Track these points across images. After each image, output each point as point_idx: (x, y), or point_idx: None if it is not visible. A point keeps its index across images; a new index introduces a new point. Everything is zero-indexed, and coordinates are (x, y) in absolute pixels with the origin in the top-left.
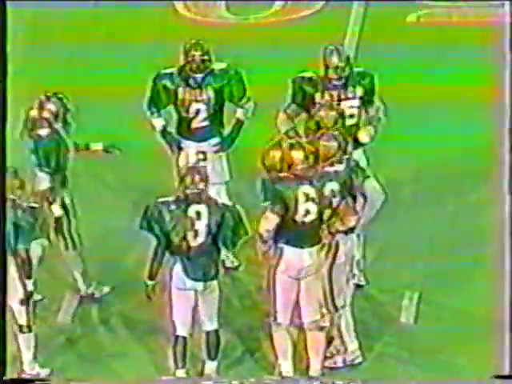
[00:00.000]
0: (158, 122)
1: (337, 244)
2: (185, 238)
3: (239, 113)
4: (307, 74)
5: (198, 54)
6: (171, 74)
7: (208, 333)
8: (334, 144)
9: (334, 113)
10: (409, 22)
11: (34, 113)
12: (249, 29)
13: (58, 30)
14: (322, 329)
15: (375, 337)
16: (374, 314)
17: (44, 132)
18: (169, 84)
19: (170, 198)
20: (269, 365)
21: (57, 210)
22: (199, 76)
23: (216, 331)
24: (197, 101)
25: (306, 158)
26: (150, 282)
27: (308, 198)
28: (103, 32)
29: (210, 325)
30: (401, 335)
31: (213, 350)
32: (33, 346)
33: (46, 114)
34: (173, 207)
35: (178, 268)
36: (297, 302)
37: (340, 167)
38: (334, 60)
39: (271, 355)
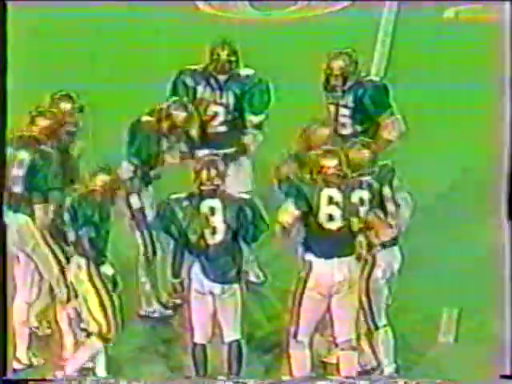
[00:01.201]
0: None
1: (374, 257)
2: (202, 235)
3: (247, 138)
4: None
5: (224, 53)
6: (194, 70)
7: (229, 344)
8: (366, 153)
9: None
10: (446, 19)
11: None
12: (272, 25)
13: (65, 28)
14: (355, 349)
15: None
16: (411, 332)
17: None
18: (189, 81)
19: (183, 195)
20: None
21: (135, 203)
22: (222, 77)
23: (238, 342)
24: (216, 103)
25: (339, 164)
26: (175, 280)
27: (331, 201)
28: (117, 29)
29: (231, 334)
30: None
31: (234, 364)
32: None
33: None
34: (185, 203)
35: (196, 268)
36: (330, 319)
37: (369, 178)
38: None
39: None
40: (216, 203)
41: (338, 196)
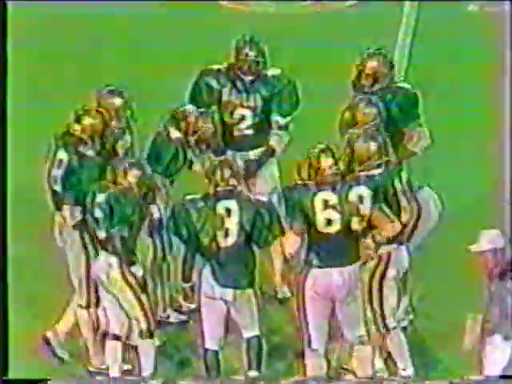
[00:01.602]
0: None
1: (388, 256)
2: (215, 238)
3: (273, 140)
4: None
5: (252, 54)
6: (218, 71)
7: (248, 340)
8: (373, 145)
9: (374, 110)
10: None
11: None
12: (291, 17)
13: (69, 28)
14: (366, 343)
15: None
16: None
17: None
18: (213, 83)
19: (198, 195)
20: None
21: (155, 212)
22: (249, 79)
23: (257, 338)
24: (243, 106)
25: (336, 163)
26: (185, 285)
27: (327, 205)
28: (123, 25)
29: (250, 331)
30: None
31: (254, 359)
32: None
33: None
34: (201, 204)
35: (206, 272)
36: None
37: (376, 171)
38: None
39: None
40: (232, 204)
41: (333, 198)
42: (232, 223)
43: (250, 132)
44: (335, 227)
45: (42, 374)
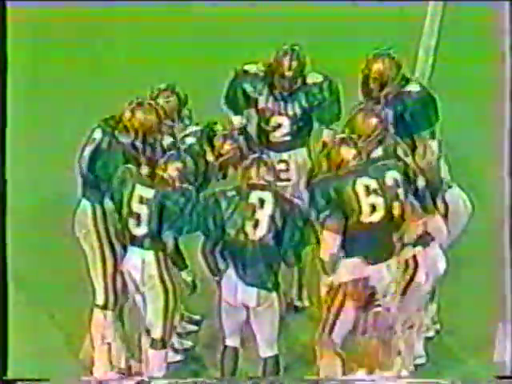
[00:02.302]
0: (237, 119)
1: (415, 258)
2: (243, 228)
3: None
4: None
5: (294, 64)
6: (255, 75)
7: (265, 360)
8: (374, 120)
9: (373, 120)
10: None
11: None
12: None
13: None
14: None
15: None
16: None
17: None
18: (250, 89)
19: (229, 187)
20: None
21: None
22: (287, 85)
23: (276, 358)
24: (280, 114)
25: (359, 153)
26: (216, 278)
27: (369, 191)
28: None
29: (268, 350)
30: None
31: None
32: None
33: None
34: (232, 193)
35: (230, 272)
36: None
37: (379, 151)
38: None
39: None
40: (266, 195)
41: (373, 183)
42: (264, 215)
43: (287, 138)
44: (379, 214)
45: (42, 374)
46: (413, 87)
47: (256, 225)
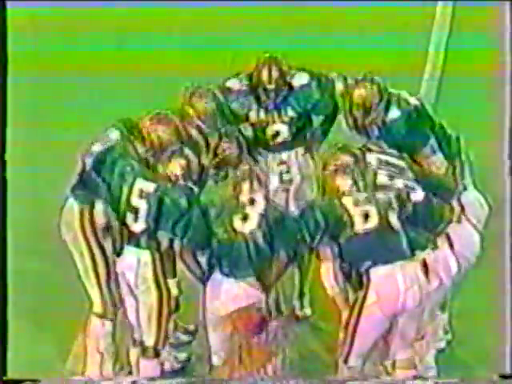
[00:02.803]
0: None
1: (425, 263)
2: (231, 223)
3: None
4: None
5: (275, 74)
6: (239, 92)
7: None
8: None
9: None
10: None
11: None
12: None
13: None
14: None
15: None
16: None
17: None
18: (238, 108)
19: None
20: None
21: None
22: (275, 96)
23: None
24: (275, 122)
25: (355, 183)
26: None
27: (358, 203)
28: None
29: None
30: None
31: None
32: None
33: None
34: (219, 197)
35: (215, 276)
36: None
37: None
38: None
39: None
40: (258, 196)
41: (361, 195)
42: (253, 212)
43: (288, 140)
44: (374, 221)
45: (42, 374)
46: (394, 113)
47: (245, 218)
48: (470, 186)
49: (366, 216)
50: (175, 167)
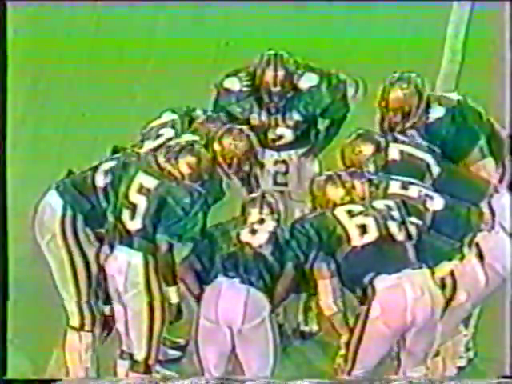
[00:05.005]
0: None
1: (453, 275)
2: (235, 228)
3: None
4: None
5: (280, 74)
6: (239, 93)
7: None
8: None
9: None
10: None
11: None
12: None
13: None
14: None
15: None
16: None
17: None
18: (237, 111)
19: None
20: None
21: None
22: (278, 96)
23: None
24: (278, 125)
25: (348, 193)
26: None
27: (352, 214)
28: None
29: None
30: None
31: None
32: None
33: None
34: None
35: (214, 284)
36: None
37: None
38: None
39: None
40: (265, 212)
41: (357, 208)
42: (262, 228)
43: (291, 142)
44: (373, 234)
45: (42, 374)
46: (437, 112)
47: (253, 232)
48: (503, 189)
49: (364, 228)
50: (183, 166)
